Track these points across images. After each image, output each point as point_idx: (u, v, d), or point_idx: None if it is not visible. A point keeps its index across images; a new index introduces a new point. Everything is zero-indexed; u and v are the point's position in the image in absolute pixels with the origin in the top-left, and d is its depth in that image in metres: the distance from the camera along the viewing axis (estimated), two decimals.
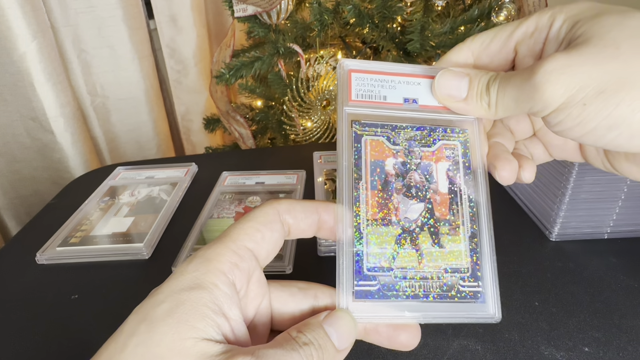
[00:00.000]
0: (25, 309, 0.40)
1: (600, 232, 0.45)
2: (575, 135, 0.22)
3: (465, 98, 0.25)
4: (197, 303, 0.19)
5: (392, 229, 0.24)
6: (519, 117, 0.29)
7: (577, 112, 0.21)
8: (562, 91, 0.21)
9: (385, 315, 0.23)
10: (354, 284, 0.23)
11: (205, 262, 0.21)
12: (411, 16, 0.76)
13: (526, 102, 0.23)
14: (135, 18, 1.09)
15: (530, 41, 0.25)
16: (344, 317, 0.23)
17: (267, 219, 0.23)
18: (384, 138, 0.26)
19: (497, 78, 0.24)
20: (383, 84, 0.27)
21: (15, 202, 1.05)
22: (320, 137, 0.90)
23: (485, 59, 0.27)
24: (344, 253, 0.24)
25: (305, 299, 0.24)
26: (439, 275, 0.24)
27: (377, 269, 0.24)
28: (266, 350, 0.19)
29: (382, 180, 0.25)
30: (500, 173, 0.25)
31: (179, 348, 0.18)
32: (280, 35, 0.82)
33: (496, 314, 0.24)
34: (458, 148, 0.26)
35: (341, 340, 0.22)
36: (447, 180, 0.25)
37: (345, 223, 0.24)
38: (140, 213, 0.53)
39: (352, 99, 0.26)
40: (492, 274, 0.24)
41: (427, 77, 0.27)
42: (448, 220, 0.25)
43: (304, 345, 0.20)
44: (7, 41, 0.86)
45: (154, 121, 1.21)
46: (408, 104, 0.26)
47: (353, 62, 0.27)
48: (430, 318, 0.24)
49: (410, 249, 0.24)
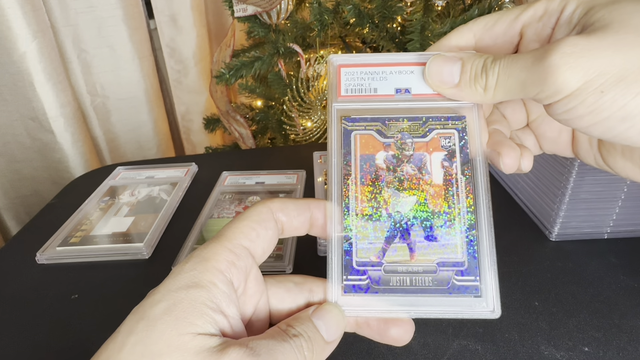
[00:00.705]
0: (25, 309, 0.40)
1: (600, 232, 0.45)
2: (582, 125, 0.21)
3: (457, 83, 0.24)
4: (195, 301, 0.19)
5: (382, 223, 0.24)
6: (515, 105, 0.28)
7: (593, 100, 0.20)
8: (580, 75, 0.20)
9: (375, 309, 0.23)
10: (342, 278, 0.24)
11: (202, 261, 0.21)
12: (411, 16, 0.76)
13: (534, 86, 0.21)
14: (135, 18, 1.09)
15: (538, 25, 0.24)
16: (332, 310, 0.23)
17: (261, 217, 0.23)
18: (374, 132, 0.25)
19: (498, 60, 0.23)
20: (373, 76, 0.26)
21: (15, 202, 1.05)
22: (320, 137, 0.90)
23: (488, 41, 0.26)
24: (334, 248, 0.24)
25: (301, 293, 0.25)
26: (432, 269, 0.24)
27: (366, 264, 0.24)
28: (259, 341, 0.20)
29: (372, 175, 0.25)
30: (504, 160, 0.24)
31: (176, 343, 0.18)
32: (280, 35, 0.82)
33: (495, 309, 0.23)
34: (455, 136, 0.25)
35: (329, 332, 0.22)
36: (443, 171, 0.25)
37: (335, 219, 0.24)
38: (140, 213, 0.53)
39: (342, 95, 0.26)
40: (491, 268, 0.23)
41: (420, 64, 0.26)
42: (443, 212, 0.24)
43: (294, 337, 0.21)
44: (7, 41, 0.86)
45: (154, 121, 1.21)
46: (400, 94, 0.26)
47: (342, 57, 0.27)
48: (422, 312, 0.23)
49: (401, 243, 0.24)
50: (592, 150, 0.27)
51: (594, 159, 0.27)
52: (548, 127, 0.28)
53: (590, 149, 0.27)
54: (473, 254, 0.24)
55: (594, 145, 0.27)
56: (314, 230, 0.25)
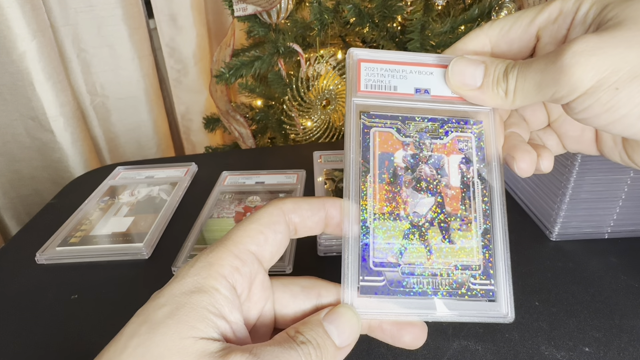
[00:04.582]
0: (25, 309, 0.40)
1: (600, 231, 0.45)
2: (601, 124, 0.21)
3: (480, 86, 0.24)
4: (198, 306, 0.19)
5: (400, 223, 0.24)
6: (535, 106, 0.28)
7: (608, 97, 0.20)
8: (593, 73, 0.19)
9: (391, 312, 0.23)
10: (359, 279, 0.23)
11: (207, 266, 0.21)
12: (411, 15, 0.76)
13: (550, 87, 0.21)
14: (135, 17, 1.09)
15: (553, 27, 0.24)
16: (346, 313, 0.22)
17: (270, 220, 0.23)
18: (393, 130, 0.25)
19: (517, 65, 0.23)
20: (394, 74, 0.26)
21: (15, 201, 1.05)
22: (320, 137, 0.90)
23: (504, 46, 0.26)
24: (350, 248, 0.23)
25: (307, 299, 0.24)
26: (449, 272, 0.23)
27: (383, 265, 0.23)
28: (264, 347, 0.19)
29: (390, 173, 0.24)
30: (519, 164, 0.24)
31: (178, 347, 0.18)
32: (280, 35, 0.82)
33: (509, 314, 0.23)
34: (472, 140, 0.25)
35: (342, 338, 0.21)
36: (460, 174, 0.24)
37: (352, 217, 0.23)
38: (140, 213, 0.53)
39: (361, 90, 0.26)
40: (506, 272, 0.23)
41: (440, 66, 0.26)
42: (459, 215, 0.24)
43: (301, 344, 0.20)
44: (7, 40, 0.86)
45: (153, 121, 1.21)
46: (420, 94, 0.26)
47: (363, 52, 0.26)
48: (438, 316, 0.23)
49: (419, 245, 0.23)
50: (617, 148, 0.26)
51: (619, 157, 0.27)
52: (570, 126, 0.28)
53: (614, 147, 0.26)
54: (489, 258, 0.23)
55: (618, 143, 0.26)
56: (329, 229, 0.24)
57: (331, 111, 0.88)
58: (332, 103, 0.87)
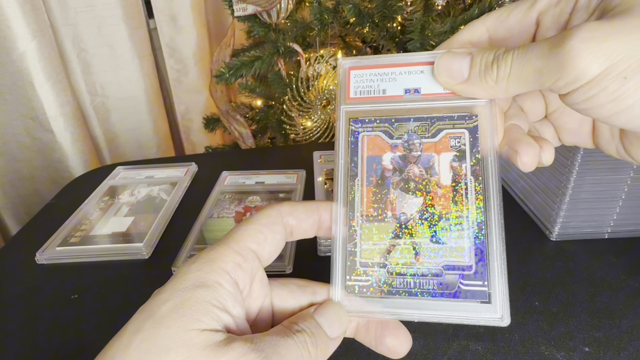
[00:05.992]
0: (25, 309, 0.40)
1: (600, 231, 0.45)
2: (603, 114, 0.20)
3: (467, 78, 0.23)
4: (202, 300, 0.20)
5: (388, 224, 0.24)
6: (535, 97, 0.27)
7: (616, 86, 0.19)
8: (602, 60, 0.18)
9: (377, 311, 0.23)
10: (346, 278, 0.24)
11: (209, 262, 0.21)
12: (411, 15, 0.76)
13: (553, 73, 0.20)
14: (135, 17, 1.09)
15: (555, 10, 0.23)
16: (333, 305, 0.23)
17: (269, 221, 0.24)
18: (381, 133, 0.25)
19: (511, 50, 0.22)
20: (382, 77, 0.26)
21: (15, 201, 1.05)
22: (320, 137, 0.90)
23: (503, 33, 0.25)
24: (338, 248, 0.24)
25: (304, 295, 0.25)
26: (438, 273, 0.23)
27: (370, 265, 0.24)
28: (263, 337, 0.20)
29: (378, 176, 0.25)
30: (523, 158, 0.23)
31: (183, 339, 0.18)
32: (280, 35, 0.82)
33: (504, 317, 0.22)
34: (465, 136, 0.24)
35: (332, 329, 0.23)
36: (451, 172, 0.24)
37: (340, 220, 0.24)
38: (140, 213, 0.53)
39: (351, 97, 0.26)
40: (501, 273, 0.22)
41: (430, 64, 0.25)
42: (450, 214, 0.23)
43: (297, 333, 0.21)
44: (7, 40, 0.86)
45: (153, 121, 1.21)
46: (409, 94, 0.26)
47: (352, 60, 0.27)
48: (426, 316, 0.23)
49: (406, 245, 0.24)
50: (614, 141, 0.26)
51: (615, 150, 0.26)
52: (569, 118, 0.27)
53: (611, 140, 0.26)
54: (482, 258, 0.23)
55: (615, 136, 0.25)
56: (322, 232, 0.25)
57: (331, 111, 0.88)
58: (332, 103, 0.87)
